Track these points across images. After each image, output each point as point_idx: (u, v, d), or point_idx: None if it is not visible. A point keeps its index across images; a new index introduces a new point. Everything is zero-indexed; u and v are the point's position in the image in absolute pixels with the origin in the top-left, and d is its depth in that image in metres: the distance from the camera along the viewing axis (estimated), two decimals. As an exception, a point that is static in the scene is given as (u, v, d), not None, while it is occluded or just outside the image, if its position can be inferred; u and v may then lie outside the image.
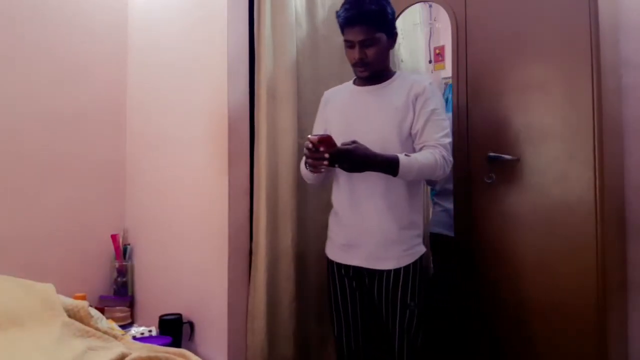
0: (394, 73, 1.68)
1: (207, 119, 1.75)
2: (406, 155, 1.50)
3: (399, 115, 1.59)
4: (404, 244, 1.59)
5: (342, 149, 1.44)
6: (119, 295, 1.98)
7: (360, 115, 1.64)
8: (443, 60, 2.42)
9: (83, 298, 1.67)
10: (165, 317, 1.74)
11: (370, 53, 1.58)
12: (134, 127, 2.08)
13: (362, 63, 1.60)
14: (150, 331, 1.73)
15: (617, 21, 1.75)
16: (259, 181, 1.80)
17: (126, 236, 2.07)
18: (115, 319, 1.83)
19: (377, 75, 1.65)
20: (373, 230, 1.59)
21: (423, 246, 1.64)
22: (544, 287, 1.62)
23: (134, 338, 1.63)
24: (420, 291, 1.59)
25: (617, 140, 1.72)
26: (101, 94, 2.02)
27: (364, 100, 1.66)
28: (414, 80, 1.64)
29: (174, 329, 1.72)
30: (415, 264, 1.59)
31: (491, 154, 1.72)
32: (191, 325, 1.75)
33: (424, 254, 1.63)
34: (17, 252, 1.77)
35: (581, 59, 1.55)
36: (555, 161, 1.62)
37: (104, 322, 1.60)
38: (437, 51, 2.45)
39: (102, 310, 1.79)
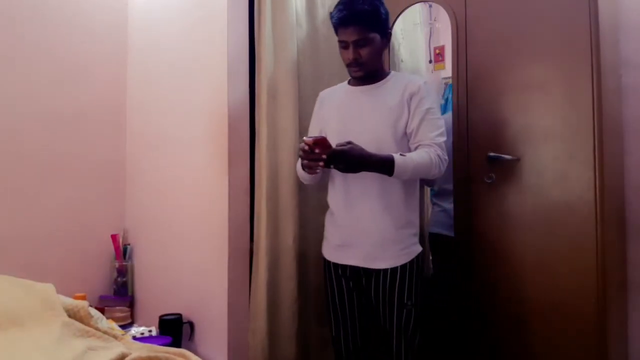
0: (389, 73, 1.69)
1: (207, 119, 1.75)
2: (401, 154, 1.50)
3: (394, 114, 1.59)
4: (400, 243, 1.59)
5: (337, 150, 1.44)
6: (119, 295, 1.98)
7: (355, 116, 1.65)
8: (443, 60, 2.42)
9: (83, 298, 1.67)
10: (165, 317, 1.74)
11: (364, 53, 1.58)
12: (134, 127, 2.08)
13: (356, 63, 1.60)
14: (150, 331, 1.73)
15: (617, 21, 1.75)
16: (259, 181, 1.80)
17: (126, 236, 2.07)
18: (115, 319, 1.83)
19: (372, 75, 1.65)
20: (369, 229, 1.59)
21: (419, 245, 1.64)
22: (544, 287, 1.62)
23: (134, 338, 1.63)
24: (417, 291, 1.59)
25: (617, 140, 1.72)
26: (101, 94, 2.02)
27: (358, 100, 1.66)
28: (408, 80, 1.64)
29: (174, 329, 1.72)
30: (412, 263, 1.59)
31: (491, 154, 1.72)
32: (191, 325, 1.75)
33: (420, 253, 1.63)
34: (17, 252, 1.76)
35: (581, 59, 1.56)
36: (555, 161, 1.62)
37: (104, 322, 1.60)
38: (437, 51, 2.45)
39: (102, 310, 1.79)
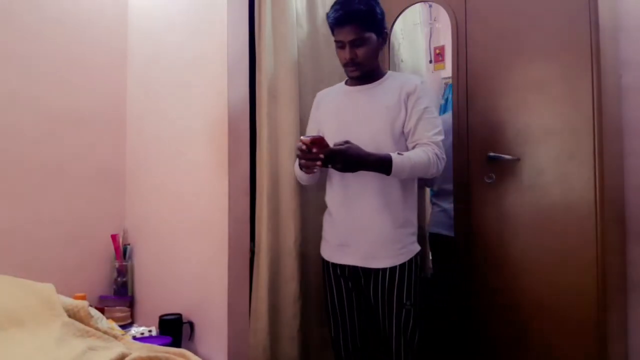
0: (385, 73, 1.69)
1: (207, 119, 1.75)
2: (399, 153, 1.50)
3: (391, 114, 1.59)
4: (398, 242, 1.59)
5: (335, 150, 1.44)
6: (119, 295, 1.98)
7: (353, 115, 1.65)
8: (443, 60, 2.42)
9: (83, 298, 1.67)
10: (165, 317, 1.74)
11: (361, 53, 1.59)
12: (134, 127, 2.08)
13: (353, 63, 1.60)
14: (150, 331, 1.73)
15: (617, 21, 1.75)
16: (260, 181, 1.80)
17: (126, 236, 2.07)
18: (115, 319, 1.83)
19: (369, 75, 1.65)
20: (367, 229, 1.59)
21: (418, 244, 1.64)
22: (544, 287, 1.62)
23: (134, 338, 1.63)
24: (416, 290, 1.59)
25: (617, 140, 1.72)
26: (101, 94, 2.02)
27: (356, 100, 1.67)
28: (405, 79, 1.65)
29: (174, 329, 1.72)
30: (411, 262, 1.59)
31: (491, 154, 1.72)
32: (191, 325, 1.75)
33: (419, 253, 1.63)
34: (17, 252, 1.76)
35: (581, 59, 1.56)
36: (555, 161, 1.62)
37: (104, 322, 1.60)
38: (437, 51, 2.45)
39: (102, 310, 1.79)
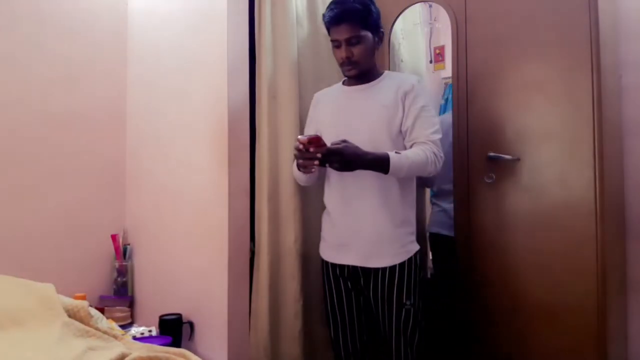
0: (382, 72, 1.69)
1: (207, 119, 1.75)
2: (397, 152, 1.50)
3: (389, 113, 1.59)
4: (397, 241, 1.59)
5: (332, 149, 1.44)
6: (119, 295, 1.98)
7: (350, 115, 1.65)
8: (443, 60, 2.42)
9: (83, 298, 1.67)
10: (165, 317, 1.74)
11: (357, 51, 1.59)
12: (134, 127, 2.08)
13: (349, 62, 1.61)
14: (150, 331, 1.73)
15: (617, 21, 1.75)
16: (260, 181, 1.80)
17: (126, 236, 2.07)
18: (115, 319, 1.83)
19: (366, 75, 1.66)
20: (366, 228, 1.59)
21: (417, 244, 1.64)
22: (544, 287, 1.63)
23: (134, 338, 1.63)
24: (416, 290, 1.59)
25: (617, 140, 1.72)
26: (101, 94, 2.02)
27: (353, 100, 1.67)
28: (402, 78, 1.65)
29: (174, 329, 1.72)
30: (410, 261, 1.59)
31: (491, 154, 1.72)
32: (191, 325, 1.75)
33: (418, 252, 1.63)
34: (17, 252, 1.76)
35: (581, 59, 1.56)
36: (555, 161, 1.62)
37: (104, 322, 1.60)
38: (437, 51, 2.45)
39: (102, 310, 1.79)
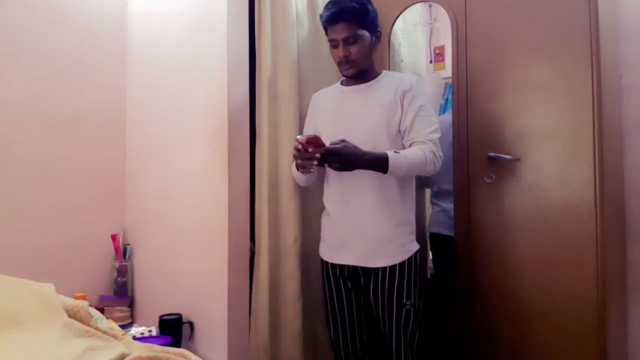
0: (381, 72, 1.70)
1: (207, 119, 1.75)
2: (395, 152, 1.50)
3: (387, 112, 1.59)
4: (397, 241, 1.59)
5: (331, 149, 1.44)
6: (119, 295, 1.98)
7: (349, 115, 1.65)
8: (443, 60, 2.41)
9: (83, 298, 1.67)
10: (165, 317, 1.74)
11: (354, 51, 1.59)
12: (134, 127, 2.08)
13: (347, 61, 1.61)
14: (150, 331, 1.73)
15: (617, 21, 1.75)
16: (260, 181, 1.80)
17: (126, 236, 2.07)
18: (115, 319, 1.83)
19: (364, 75, 1.66)
20: (365, 228, 1.59)
21: (417, 243, 1.64)
22: (544, 287, 1.63)
23: (134, 338, 1.63)
24: (416, 290, 1.59)
25: (617, 140, 1.72)
26: (101, 94, 2.02)
27: (352, 100, 1.67)
28: (400, 78, 1.65)
29: (174, 329, 1.72)
30: (410, 261, 1.59)
31: (491, 154, 1.72)
32: (191, 325, 1.75)
33: (418, 252, 1.63)
34: (18, 252, 1.76)
35: (581, 59, 1.56)
36: (555, 161, 1.62)
37: (104, 322, 1.60)
38: (437, 51, 2.44)
39: (102, 310, 1.79)
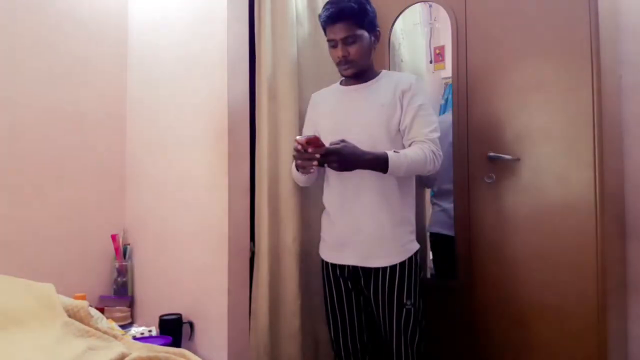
0: (380, 72, 1.69)
1: (207, 119, 1.75)
2: (395, 151, 1.50)
3: (387, 112, 1.59)
4: (397, 240, 1.59)
5: (331, 149, 1.44)
6: (119, 295, 1.98)
7: (349, 115, 1.65)
8: (443, 60, 2.41)
9: (83, 298, 1.67)
10: (165, 317, 1.74)
11: (353, 50, 1.59)
12: (134, 127, 2.08)
13: (346, 61, 1.61)
14: (150, 331, 1.73)
15: (617, 21, 1.75)
16: (260, 181, 1.80)
17: (126, 236, 2.07)
18: (115, 319, 1.83)
19: (363, 74, 1.66)
20: (365, 228, 1.59)
21: (417, 243, 1.64)
22: (544, 287, 1.63)
23: (134, 338, 1.63)
24: (416, 290, 1.59)
25: (616, 140, 1.72)
26: (101, 93, 2.02)
27: (351, 100, 1.67)
28: (399, 77, 1.65)
29: (174, 329, 1.72)
30: (411, 260, 1.59)
31: (491, 154, 1.72)
32: (191, 325, 1.75)
33: (418, 251, 1.63)
34: (17, 252, 1.76)
35: (581, 59, 1.56)
36: (555, 161, 1.62)
37: (104, 322, 1.60)
38: (437, 51, 2.44)
39: (102, 310, 1.79)
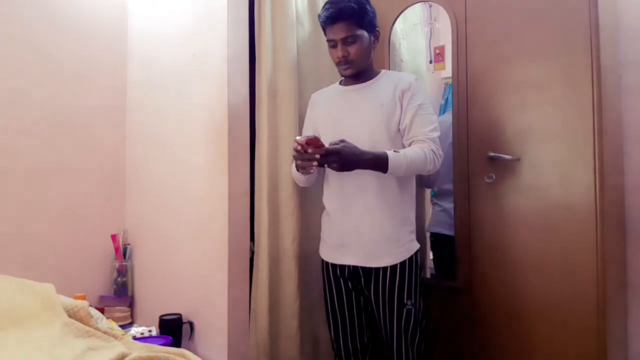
0: (380, 72, 1.69)
1: (207, 119, 1.75)
2: (395, 151, 1.50)
3: (387, 112, 1.59)
4: (397, 240, 1.59)
5: (330, 149, 1.44)
6: (119, 295, 1.98)
7: (348, 115, 1.65)
8: (443, 60, 2.41)
9: (83, 298, 1.67)
10: (165, 317, 1.74)
11: (353, 50, 1.59)
12: (133, 127, 2.08)
13: (346, 61, 1.61)
14: (150, 331, 1.73)
15: (617, 21, 1.75)
16: (260, 181, 1.80)
17: (126, 236, 2.07)
18: (115, 319, 1.83)
19: (362, 74, 1.66)
20: (365, 228, 1.59)
21: (417, 243, 1.64)
22: (544, 287, 1.62)
23: (134, 338, 1.63)
24: (416, 289, 1.59)
25: (616, 140, 1.72)
26: (101, 94, 2.02)
27: (351, 100, 1.67)
28: (399, 77, 1.65)
29: (174, 329, 1.72)
30: (411, 260, 1.59)
31: (491, 154, 1.72)
32: (191, 325, 1.75)
33: (418, 251, 1.63)
34: (17, 252, 1.76)
35: (581, 59, 1.56)
36: (555, 161, 1.62)
37: (104, 322, 1.60)
38: (437, 51, 2.44)
39: (102, 310, 1.79)
